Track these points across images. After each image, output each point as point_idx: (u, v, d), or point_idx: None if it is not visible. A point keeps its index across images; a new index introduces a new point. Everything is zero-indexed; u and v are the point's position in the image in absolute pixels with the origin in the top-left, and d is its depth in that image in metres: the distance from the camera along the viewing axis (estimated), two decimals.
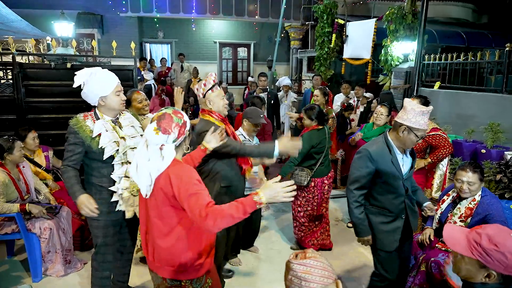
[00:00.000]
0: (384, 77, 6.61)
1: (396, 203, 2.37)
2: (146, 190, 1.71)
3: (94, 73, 2.19)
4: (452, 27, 10.88)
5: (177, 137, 1.70)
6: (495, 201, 2.49)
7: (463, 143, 4.13)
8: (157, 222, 1.72)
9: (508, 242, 1.33)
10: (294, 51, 12.27)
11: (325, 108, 4.58)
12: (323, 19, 8.63)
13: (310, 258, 1.18)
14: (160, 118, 1.68)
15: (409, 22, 6.04)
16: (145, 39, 12.06)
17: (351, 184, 2.37)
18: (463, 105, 4.77)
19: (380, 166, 2.28)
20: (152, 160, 1.67)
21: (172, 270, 1.74)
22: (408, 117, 2.18)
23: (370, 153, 2.28)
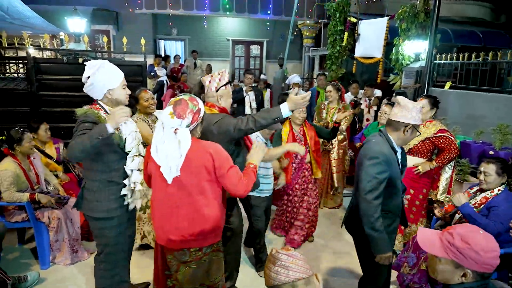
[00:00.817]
0: (394, 77, 6.54)
1: (397, 204, 2.32)
2: (167, 176, 1.83)
3: (103, 66, 2.17)
4: (468, 27, 10.66)
5: (191, 123, 1.83)
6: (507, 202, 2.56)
7: (472, 144, 4.07)
8: (198, 198, 1.89)
9: (480, 239, 1.34)
10: (306, 49, 12.22)
11: (340, 104, 4.55)
12: (335, 17, 8.57)
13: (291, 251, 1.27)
14: (176, 104, 1.80)
15: (421, 21, 5.95)
16: (159, 35, 12.20)
17: (368, 193, 2.09)
18: (473, 105, 4.68)
19: (391, 170, 2.14)
20: (166, 142, 1.79)
21: (213, 235, 1.98)
22: (412, 115, 2.13)
23: (387, 157, 2.12)
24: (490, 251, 1.32)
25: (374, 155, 2.12)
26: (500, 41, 10.11)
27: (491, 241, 1.35)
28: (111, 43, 10.58)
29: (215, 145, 1.92)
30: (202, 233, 1.93)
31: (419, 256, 2.85)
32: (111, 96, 2.22)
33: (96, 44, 10.70)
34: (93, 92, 2.22)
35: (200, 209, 1.90)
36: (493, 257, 1.33)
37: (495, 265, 1.34)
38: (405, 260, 2.99)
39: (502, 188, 2.67)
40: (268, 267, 1.28)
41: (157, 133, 1.84)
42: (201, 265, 1.99)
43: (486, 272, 1.35)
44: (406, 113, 2.14)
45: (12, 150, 3.16)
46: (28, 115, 4.09)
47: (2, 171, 3.04)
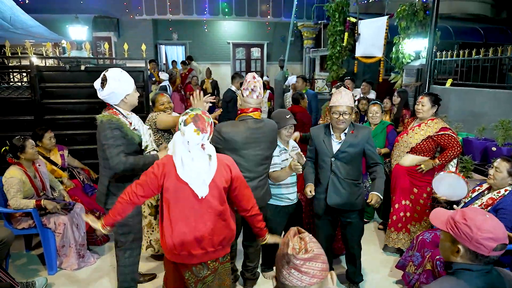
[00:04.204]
0: (395, 75, 6.55)
1: (324, 176, 2.80)
2: (201, 191, 1.86)
3: (122, 74, 2.34)
4: (469, 23, 10.63)
5: (209, 135, 1.89)
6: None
7: (474, 141, 4.06)
8: (220, 209, 1.95)
9: (478, 218, 1.36)
10: (307, 51, 12.24)
11: None
12: (335, 18, 8.60)
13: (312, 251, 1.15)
14: (196, 119, 1.81)
15: (420, 18, 5.96)
16: (160, 41, 12.29)
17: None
18: (475, 102, 4.69)
19: (315, 143, 2.84)
20: (196, 159, 1.82)
21: (228, 244, 2.06)
22: (330, 101, 2.72)
23: (311, 132, 2.90)
24: (485, 231, 1.33)
25: None
26: (501, 37, 10.08)
27: (491, 224, 1.35)
28: (112, 49, 10.68)
29: (229, 157, 2.06)
30: (222, 243, 1.99)
31: (424, 255, 2.85)
32: (127, 101, 2.41)
33: (98, 51, 10.80)
34: (111, 99, 2.37)
35: (221, 218, 1.97)
36: (486, 238, 1.33)
37: (489, 248, 1.33)
38: (410, 259, 3.00)
39: (510, 189, 2.58)
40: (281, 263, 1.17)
41: (181, 152, 1.83)
42: (217, 276, 2.05)
43: (479, 252, 1.36)
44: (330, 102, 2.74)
45: (16, 159, 3.20)
46: (33, 123, 4.14)
47: (9, 178, 3.08)
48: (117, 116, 2.35)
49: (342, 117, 2.63)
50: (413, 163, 3.40)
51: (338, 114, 2.63)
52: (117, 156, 2.27)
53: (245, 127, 2.54)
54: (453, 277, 1.44)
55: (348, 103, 2.64)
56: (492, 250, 1.34)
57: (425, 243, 2.90)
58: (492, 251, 1.35)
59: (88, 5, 10.33)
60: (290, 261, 1.13)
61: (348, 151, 2.72)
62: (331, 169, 2.76)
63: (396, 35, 6.46)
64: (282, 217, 3.03)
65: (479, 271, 1.40)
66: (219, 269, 2.05)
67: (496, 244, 1.33)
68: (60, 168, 3.79)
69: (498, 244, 1.34)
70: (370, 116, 4.03)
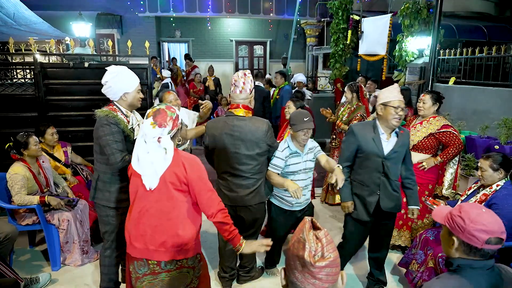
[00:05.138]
0: (398, 73, 6.53)
1: (372, 178, 2.61)
2: (150, 183, 1.85)
3: (121, 72, 2.38)
4: (473, 21, 10.57)
5: (171, 129, 1.87)
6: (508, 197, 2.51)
7: (477, 139, 4.06)
8: (166, 206, 1.87)
9: (473, 211, 1.39)
10: (310, 48, 12.22)
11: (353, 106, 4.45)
12: (338, 16, 8.56)
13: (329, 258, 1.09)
14: (156, 114, 1.85)
15: (424, 17, 5.93)
16: (163, 38, 12.29)
17: (340, 157, 2.77)
18: (478, 100, 4.67)
19: (361, 142, 2.58)
20: (151, 152, 1.83)
21: (175, 250, 1.89)
22: (380, 98, 2.52)
23: (353, 129, 2.64)
24: (478, 223, 1.35)
25: (348, 127, 2.77)
26: (505, 36, 10.02)
27: (485, 217, 1.36)
28: (115, 46, 10.69)
29: (192, 158, 1.92)
30: (165, 245, 1.86)
31: (427, 253, 2.86)
32: (126, 99, 2.44)
33: (101, 48, 10.81)
34: (110, 94, 2.42)
35: (167, 217, 1.87)
36: (478, 230, 1.35)
37: (481, 240, 1.34)
38: (413, 257, 3.01)
39: (501, 183, 2.62)
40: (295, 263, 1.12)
41: (138, 144, 1.87)
42: (159, 282, 1.92)
43: (472, 244, 1.37)
44: (378, 101, 2.55)
45: (20, 155, 3.23)
46: (36, 120, 4.16)
47: (13, 175, 3.11)
48: (115, 113, 2.38)
49: (399, 112, 2.46)
50: (415, 161, 3.41)
51: (394, 109, 2.45)
52: (119, 153, 2.30)
53: (223, 123, 2.60)
54: (456, 275, 1.44)
55: (401, 97, 2.50)
56: (484, 242, 1.35)
57: (428, 241, 2.91)
58: (485, 243, 1.35)
59: (92, 2, 10.34)
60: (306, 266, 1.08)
61: (399, 151, 2.60)
62: (383, 170, 2.58)
63: (400, 33, 6.43)
64: (285, 220, 2.92)
65: (481, 268, 1.40)
66: (162, 275, 1.91)
67: (489, 237, 1.34)
68: (63, 165, 3.82)
69: (491, 237, 1.34)
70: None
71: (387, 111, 2.47)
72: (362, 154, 2.61)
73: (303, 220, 1.18)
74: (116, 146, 2.30)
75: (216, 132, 2.60)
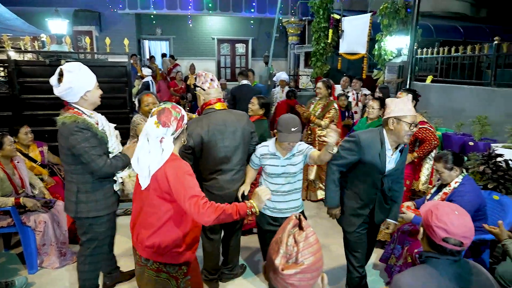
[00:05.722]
0: (378, 72, 6.65)
1: (369, 193, 2.47)
2: (145, 182, 1.83)
3: (80, 68, 2.20)
4: (450, 21, 10.87)
5: (176, 130, 1.82)
6: (470, 193, 2.58)
7: (453, 136, 4.19)
8: (147, 210, 1.86)
9: (445, 210, 1.48)
10: (291, 47, 12.29)
11: (327, 100, 4.60)
12: (319, 14, 8.66)
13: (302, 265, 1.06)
14: (160, 113, 1.79)
15: (402, 16, 6.07)
16: (143, 36, 12.12)
17: (333, 160, 2.43)
18: (454, 98, 4.81)
19: (366, 156, 2.33)
20: (152, 152, 1.78)
21: (151, 251, 1.88)
22: (392, 109, 2.23)
23: (360, 140, 2.33)
24: (441, 222, 1.45)
25: (353, 134, 2.40)
26: (480, 35, 10.34)
27: (452, 218, 1.45)
28: (94, 44, 10.47)
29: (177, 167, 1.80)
30: (145, 242, 1.87)
31: (404, 247, 2.93)
32: (87, 98, 2.24)
33: (79, 45, 10.57)
34: (69, 96, 2.21)
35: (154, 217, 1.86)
36: (439, 227, 1.45)
37: (439, 236, 1.45)
38: (392, 252, 3.07)
39: (459, 180, 2.66)
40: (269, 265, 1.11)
41: (141, 144, 1.82)
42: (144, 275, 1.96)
43: (431, 238, 1.49)
44: (387, 110, 2.28)
45: None
46: (11, 119, 4.04)
47: None
48: (82, 117, 2.19)
49: (413, 129, 2.24)
50: None
51: (409, 125, 2.20)
52: (100, 158, 2.18)
53: (207, 120, 2.55)
54: (426, 265, 1.54)
55: (415, 112, 2.28)
56: (441, 240, 1.45)
57: (405, 236, 2.97)
58: (442, 241, 1.45)
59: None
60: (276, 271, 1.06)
61: (400, 169, 2.47)
62: (381, 187, 2.44)
63: (379, 32, 6.55)
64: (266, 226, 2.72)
65: (446, 260, 1.50)
66: (143, 269, 1.94)
67: (446, 236, 1.44)
68: (40, 165, 3.71)
69: (449, 237, 1.44)
70: (367, 111, 4.15)
71: (400, 126, 2.21)
72: (363, 167, 2.39)
73: (289, 217, 1.16)
74: (95, 151, 2.16)
75: (202, 130, 2.52)
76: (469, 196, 2.58)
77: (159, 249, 1.86)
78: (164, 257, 1.89)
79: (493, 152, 3.24)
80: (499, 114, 4.02)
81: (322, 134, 4.67)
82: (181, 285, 1.98)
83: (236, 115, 2.66)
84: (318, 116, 4.55)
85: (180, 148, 1.99)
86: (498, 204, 2.96)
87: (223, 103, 2.66)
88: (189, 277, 2.03)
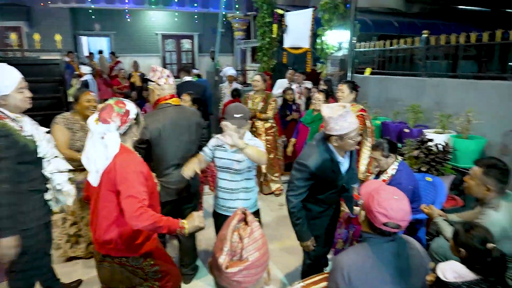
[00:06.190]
0: (321, 65, 6.85)
1: (332, 197, 2.46)
2: (95, 178, 1.83)
3: None
4: (386, 17, 11.50)
5: (120, 126, 1.81)
6: (405, 178, 2.76)
7: (390, 124, 4.44)
8: (101, 204, 1.86)
9: (385, 196, 1.57)
10: (238, 42, 12.28)
11: (264, 95, 4.70)
12: (263, 9, 8.70)
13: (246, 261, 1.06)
14: (102, 110, 1.80)
15: (341, 11, 6.28)
16: (81, 31, 11.41)
17: (289, 191, 2.33)
18: (391, 89, 5.10)
19: (320, 177, 2.27)
20: (96, 149, 1.79)
21: (110, 247, 1.90)
22: (332, 127, 2.14)
23: (311, 169, 2.22)
24: (382, 207, 1.54)
25: (303, 163, 2.24)
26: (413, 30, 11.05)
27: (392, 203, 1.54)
28: (23, 40, 9.66)
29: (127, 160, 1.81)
30: (99, 239, 1.90)
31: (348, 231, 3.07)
32: (6, 103, 2.03)
33: (6, 42, 9.69)
34: None
35: (99, 214, 1.89)
36: (380, 213, 1.54)
37: (380, 221, 1.55)
38: (339, 236, 3.20)
39: (396, 167, 2.80)
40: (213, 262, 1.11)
41: (87, 141, 1.83)
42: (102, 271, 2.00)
43: (373, 222, 1.58)
44: (327, 125, 2.19)
45: None
46: None
47: None
48: (3, 121, 2.00)
49: (357, 140, 2.24)
50: None
51: (353, 140, 2.19)
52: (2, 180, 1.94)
53: (163, 115, 2.55)
54: (365, 243, 1.65)
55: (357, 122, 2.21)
56: (382, 224, 1.55)
57: (350, 219, 3.11)
58: (382, 225, 1.55)
59: None
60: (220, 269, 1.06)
61: (353, 166, 2.51)
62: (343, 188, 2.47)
63: (320, 27, 6.74)
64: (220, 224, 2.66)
65: (383, 239, 1.61)
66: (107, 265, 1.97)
67: (387, 221, 1.54)
68: None
69: (389, 222, 1.53)
70: (313, 103, 4.38)
71: (345, 142, 2.19)
72: (321, 183, 2.35)
73: (235, 212, 1.15)
74: None
75: (159, 124, 2.53)
76: (406, 181, 2.75)
77: (117, 244, 1.88)
78: (124, 251, 1.90)
79: (425, 138, 3.48)
80: (430, 102, 4.33)
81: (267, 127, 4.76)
82: (149, 275, 2.00)
83: (190, 110, 2.80)
84: (261, 110, 4.62)
85: (133, 142, 1.99)
86: (431, 185, 3.19)
87: (178, 99, 2.67)
88: (158, 267, 2.03)
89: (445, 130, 3.79)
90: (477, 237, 1.75)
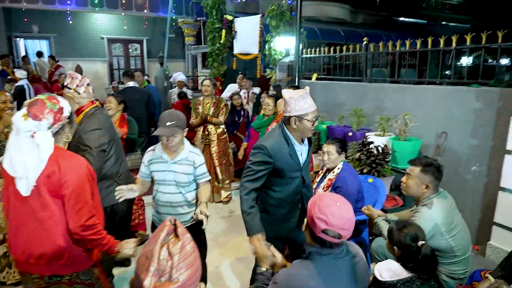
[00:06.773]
0: (270, 71, 6.92)
1: (294, 195, 2.31)
2: (26, 187, 1.58)
3: None
4: (332, 26, 11.96)
5: (53, 124, 1.62)
6: (350, 177, 2.83)
7: (336, 128, 4.56)
8: (42, 215, 1.62)
9: (327, 202, 1.46)
10: (188, 47, 12.10)
11: (214, 99, 4.61)
12: (212, 15, 8.67)
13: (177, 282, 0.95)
14: (32, 104, 1.59)
15: (287, 18, 6.42)
16: (16, 33, 10.59)
17: (245, 177, 2.20)
18: (336, 94, 5.25)
19: (278, 162, 2.17)
20: (22, 150, 1.55)
21: (59, 264, 1.68)
22: (292, 107, 2.10)
23: (268, 149, 2.14)
24: (322, 213, 1.43)
25: (259, 145, 2.18)
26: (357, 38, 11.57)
27: (333, 210, 1.44)
28: None
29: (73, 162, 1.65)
30: (43, 257, 1.66)
31: None
32: None
33: None
34: None
35: (42, 227, 1.64)
36: (320, 218, 1.43)
37: (319, 228, 1.44)
38: None
39: (341, 166, 2.89)
40: (137, 282, 0.98)
41: (11, 141, 1.60)
42: None
43: (312, 229, 1.47)
44: (287, 107, 2.14)
45: None
46: None
47: None
48: None
49: (316, 124, 2.19)
50: None
51: (312, 122, 2.13)
52: None
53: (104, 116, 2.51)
54: (307, 261, 1.51)
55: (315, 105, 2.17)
56: (321, 231, 1.43)
57: None
58: (321, 232, 1.43)
59: None
60: None
61: (309, 158, 2.37)
62: (302, 183, 2.31)
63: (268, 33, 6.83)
64: None
65: (329, 255, 1.48)
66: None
67: (326, 228, 1.42)
68: None
69: (328, 229, 1.42)
70: (264, 108, 4.37)
71: (303, 124, 2.11)
72: (280, 173, 2.23)
73: (163, 223, 1.02)
74: None
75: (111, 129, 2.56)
76: (351, 180, 2.82)
77: (70, 258, 1.67)
78: (76, 265, 1.72)
79: (366, 140, 3.60)
80: (372, 106, 4.50)
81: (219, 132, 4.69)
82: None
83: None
84: (213, 115, 4.55)
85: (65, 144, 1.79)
86: (372, 186, 3.29)
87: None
88: (101, 281, 1.85)
89: (385, 132, 3.95)
90: (409, 235, 1.80)
